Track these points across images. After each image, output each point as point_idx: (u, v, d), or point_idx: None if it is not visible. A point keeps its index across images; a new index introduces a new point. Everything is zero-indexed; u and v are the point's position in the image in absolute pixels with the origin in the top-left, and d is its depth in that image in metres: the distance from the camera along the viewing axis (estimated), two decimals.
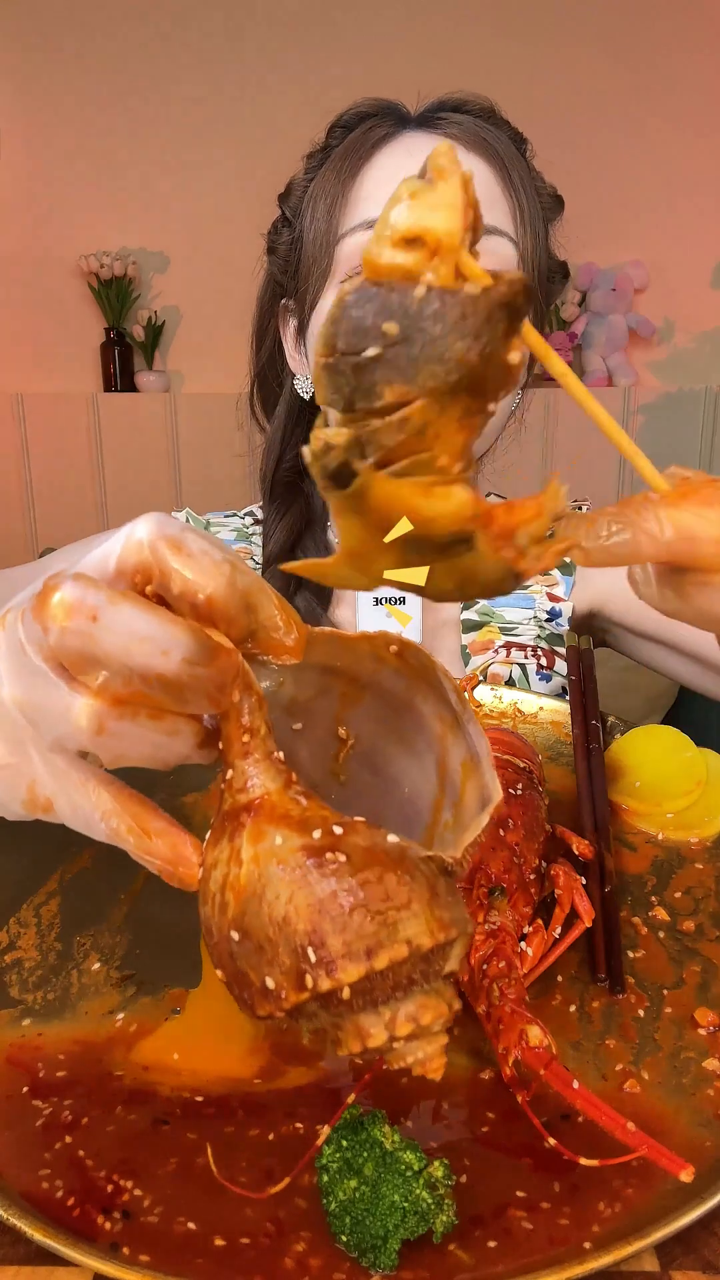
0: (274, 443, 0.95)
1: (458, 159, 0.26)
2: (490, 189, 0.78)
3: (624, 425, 2.60)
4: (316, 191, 0.82)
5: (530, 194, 0.81)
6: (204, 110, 2.59)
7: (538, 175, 0.85)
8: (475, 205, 0.27)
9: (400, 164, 0.78)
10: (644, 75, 2.48)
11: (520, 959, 0.46)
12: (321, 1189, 0.35)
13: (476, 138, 0.78)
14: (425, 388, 0.26)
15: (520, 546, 0.29)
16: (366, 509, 0.28)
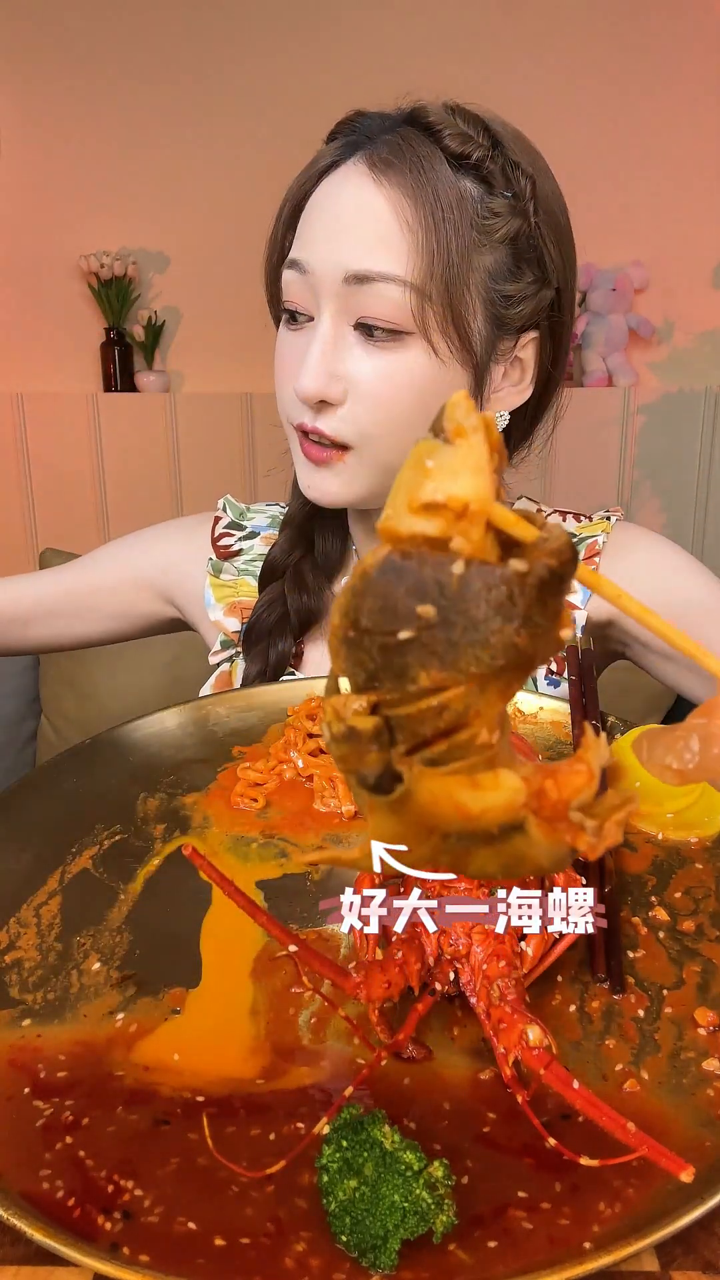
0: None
1: (474, 410, 0.25)
2: (389, 232, 0.76)
3: (624, 425, 2.61)
4: (277, 216, 0.86)
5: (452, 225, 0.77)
6: (204, 110, 2.59)
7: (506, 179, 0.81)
8: (500, 449, 0.25)
9: (323, 201, 0.80)
10: (644, 75, 2.48)
11: (520, 959, 0.46)
12: (321, 1189, 0.35)
13: (395, 169, 0.76)
14: (467, 673, 0.23)
15: (577, 823, 0.26)
16: (408, 810, 0.25)
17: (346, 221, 0.79)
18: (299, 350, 0.81)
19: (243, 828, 0.62)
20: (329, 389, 0.79)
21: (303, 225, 0.82)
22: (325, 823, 0.63)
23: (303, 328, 0.82)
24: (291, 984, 0.48)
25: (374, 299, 0.77)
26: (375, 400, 0.80)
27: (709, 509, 2.68)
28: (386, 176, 0.78)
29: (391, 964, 0.44)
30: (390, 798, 0.25)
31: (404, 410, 0.81)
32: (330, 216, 0.80)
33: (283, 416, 0.86)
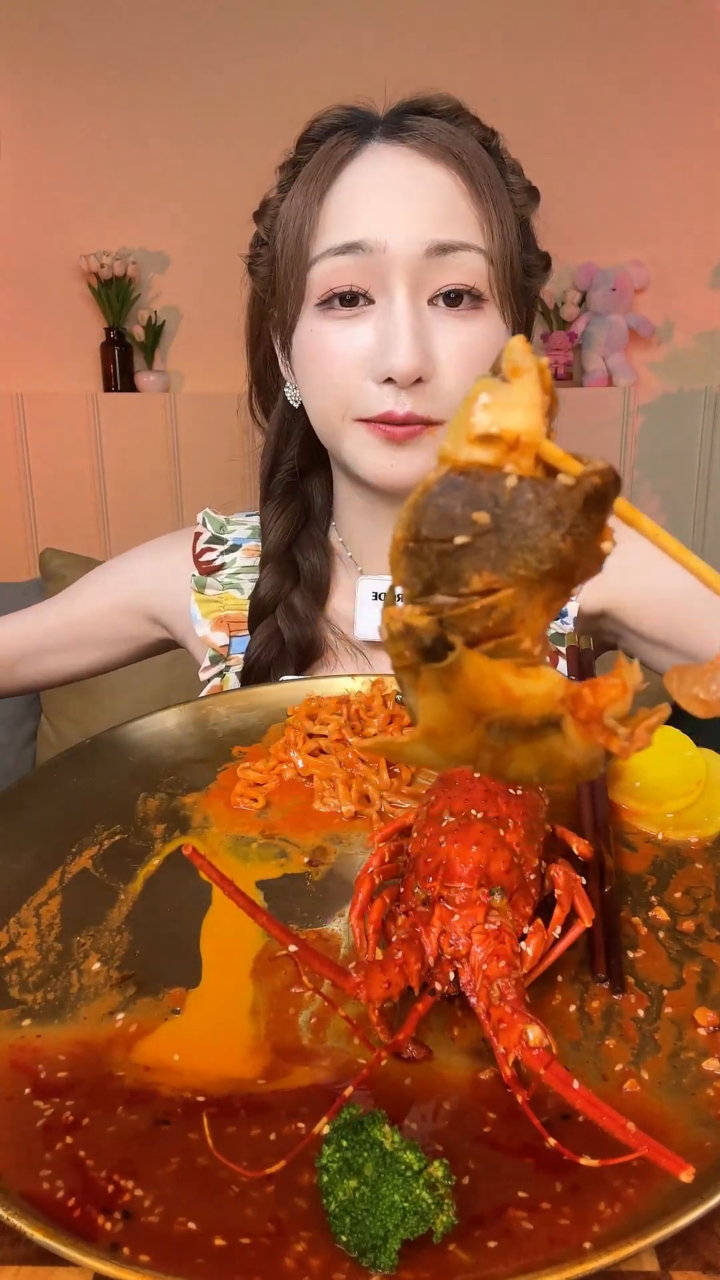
0: (271, 444, 0.96)
1: (531, 352, 0.27)
2: (456, 203, 0.78)
3: (624, 425, 2.61)
4: (287, 214, 0.82)
5: (501, 196, 0.81)
6: (204, 110, 2.59)
7: (512, 166, 0.85)
8: (552, 392, 0.27)
9: (365, 182, 0.79)
10: (644, 75, 2.48)
11: (520, 959, 0.46)
12: (321, 1189, 0.35)
13: (440, 148, 0.78)
14: (516, 575, 0.26)
15: (610, 728, 0.28)
16: (456, 685, 0.27)
17: (414, 196, 0.77)
18: (362, 335, 0.79)
19: (243, 828, 0.62)
20: (425, 365, 0.77)
21: (344, 209, 0.79)
22: (325, 823, 0.63)
23: (358, 314, 0.80)
24: (291, 984, 0.48)
25: (456, 269, 0.77)
26: (468, 369, 0.79)
27: (709, 509, 2.68)
28: (435, 153, 0.78)
29: (391, 964, 0.44)
30: (443, 664, 0.26)
31: None
32: (390, 193, 0.78)
33: (335, 414, 0.82)
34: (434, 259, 0.76)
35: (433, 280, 0.77)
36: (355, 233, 0.77)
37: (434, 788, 0.56)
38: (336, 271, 0.78)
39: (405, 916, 0.48)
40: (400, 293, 0.77)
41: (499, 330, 0.81)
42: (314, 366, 0.82)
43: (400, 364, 0.75)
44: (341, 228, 0.78)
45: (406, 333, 0.75)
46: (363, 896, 0.51)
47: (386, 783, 0.66)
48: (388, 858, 0.53)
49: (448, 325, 0.78)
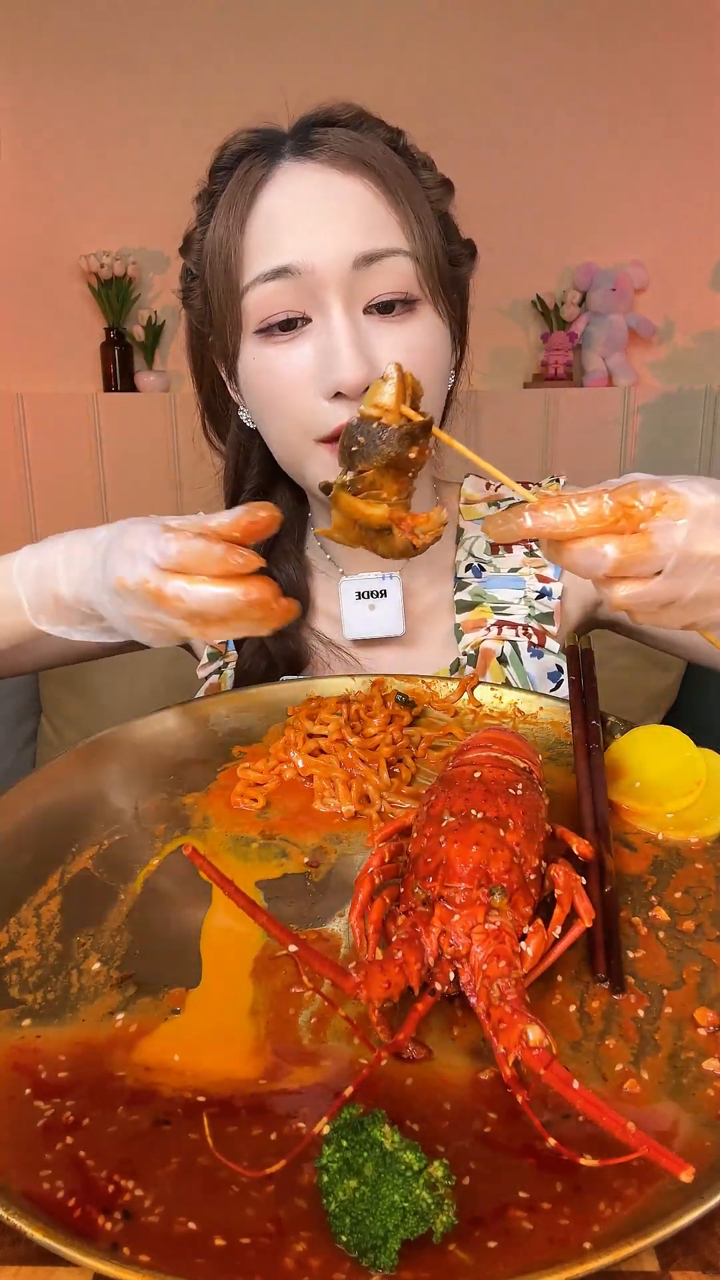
0: (231, 467, 0.99)
1: (395, 368, 0.56)
2: (374, 211, 0.79)
3: (624, 425, 2.61)
4: (211, 246, 0.83)
5: (417, 196, 0.82)
6: (204, 109, 2.59)
7: (423, 161, 0.86)
8: (412, 383, 0.57)
9: (282, 204, 0.79)
10: (644, 75, 2.48)
11: (520, 959, 0.46)
12: (321, 1189, 0.35)
13: (350, 158, 0.79)
14: (375, 465, 0.57)
15: (416, 534, 0.61)
16: (339, 507, 0.60)
17: (332, 211, 0.78)
18: (303, 356, 0.80)
19: (243, 828, 0.62)
20: (371, 373, 0.77)
21: (266, 235, 0.80)
22: (325, 823, 0.63)
23: (298, 335, 0.80)
24: (291, 984, 0.48)
25: (384, 276, 0.78)
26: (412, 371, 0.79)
27: None
28: (346, 164, 0.79)
29: (391, 964, 0.44)
30: (329, 496, 0.59)
31: (434, 375, 0.82)
32: (308, 213, 0.79)
33: (296, 436, 0.83)
34: (362, 269, 0.77)
35: (364, 290, 0.78)
36: (281, 257, 0.78)
37: (434, 788, 0.56)
38: (269, 297, 0.79)
39: (405, 916, 0.48)
40: (335, 308, 0.78)
41: (435, 326, 0.82)
42: (263, 392, 0.83)
43: (346, 376, 0.76)
44: (266, 253, 0.79)
45: (348, 346, 0.76)
46: (363, 896, 0.51)
47: (386, 783, 0.66)
48: (388, 858, 0.53)
49: (385, 330, 0.79)
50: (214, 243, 0.83)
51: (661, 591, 0.53)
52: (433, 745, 0.72)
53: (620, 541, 0.51)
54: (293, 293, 0.78)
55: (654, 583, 0.53)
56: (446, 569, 0.99)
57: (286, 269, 0.78)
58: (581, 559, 0.52)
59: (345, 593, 0.93)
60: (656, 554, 0.51)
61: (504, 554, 0.99)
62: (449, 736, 0.73)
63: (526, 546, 0.98)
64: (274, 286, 0.79)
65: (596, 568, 0.52)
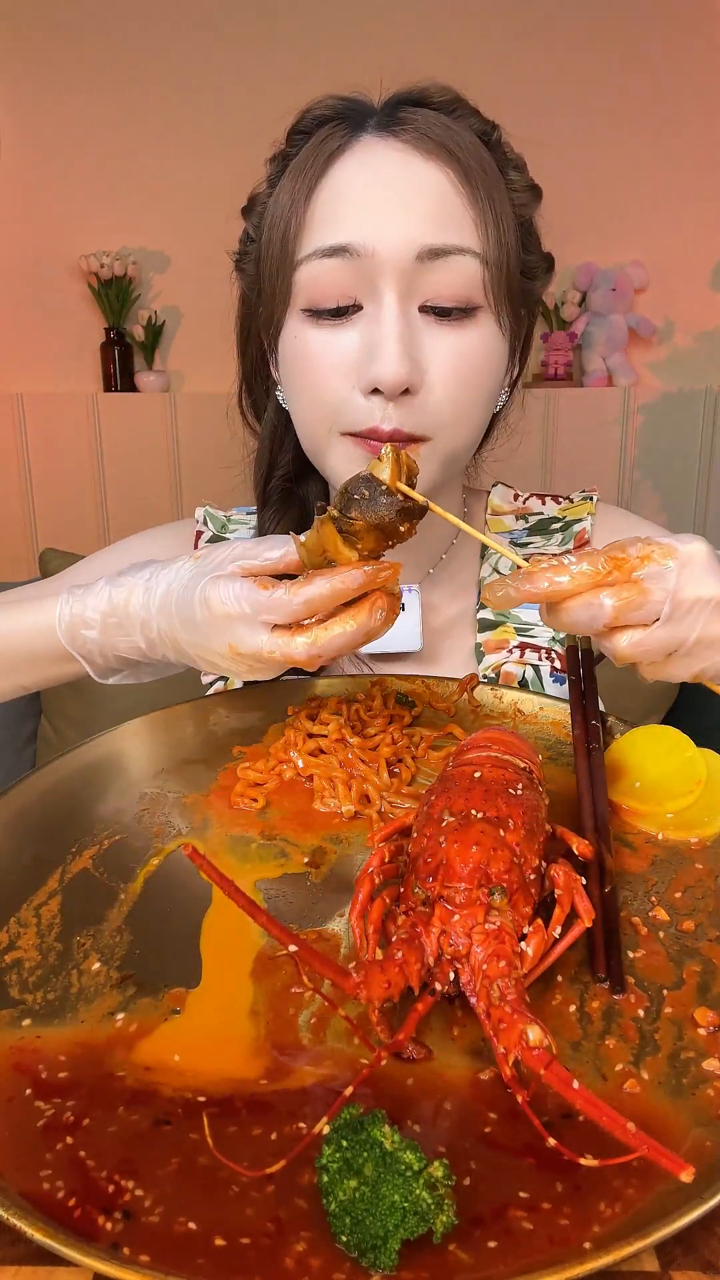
0: (265, 448, 0.94)
1: (390, 449, 0.57)
2: (449, 203, 0.74)
3: (624, 425, 2.61)
4: (274, 211, 0.79)
5: (499, 195, 0.77)
6: (204, 109, 2.59)
7: (515, 162, 0.82)
8: (407, 463, 0.59)
9: (354, 180, 0.75)
10: (644, 75, 2.48)
11: (520, 959, 0.46)
12: (321, 1189, 0.35)
13: (435, 143, 0.74)
14: (366, 520, 0.58)
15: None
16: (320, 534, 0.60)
17: (407, 196, 0.73)
18: (348, 344, 0.75)
19: (243, 828, 0.62)
20: (414, 375, 0.73)
21: (332, 208, 0.75)
22: (325, 823, 0.63)
23: (346, 321, 0.75)
24: (291, 984, 0.48)
25: (448, 274, 0.73)
26: (458, 383, 0.76)
27: (709, 509, 2.68)
28: (430, 149, 0.74)
29: (391, 964, 0.44)
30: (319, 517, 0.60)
31: (481, 390, 0.78)
32: (380, 192, 0.73)
33: (321, 427, 0.79)
34: (425, 263, 0.73)
35: (424, 286, 0.74)
36: (342, 234, 0.73)
37: (434, 788, 0.56)
38: (323, 275, 0.75)
39: (405, 916, 0.48)
40: (389, 299, 0.73)
41: (493, 337, 0.77)
42: (298, 374, 0.79)
43: (387, 374, 0.72)
44: (328, 228, 0.74)
45: (394, 341, 0.72)
46: (363, 896, 0.51)
47: (386, 783, 0.66)
48: (388, 858, 0.53)
49: (438, 334, 0.75)
50: (277, 207, 0.78)
51: (663, 637, 0.55)
52: (433, 745, 0.72)
53: (615, 590, 0.54)
54: (349, 275, 0.74)
55: (654, 629, 0.55)
56: (470, 584, 0.95)
57: (346, 248, 0.73)
58: (580, 613, 0.54)
59: None
60: (651, 599, 0.54)
61: None
62: (449, 736, 0.73)
63: None
64: (329, 265, 0.74)
65: (595, 619, 0.54)
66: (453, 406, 0.76)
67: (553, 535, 0.96)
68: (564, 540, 0.95)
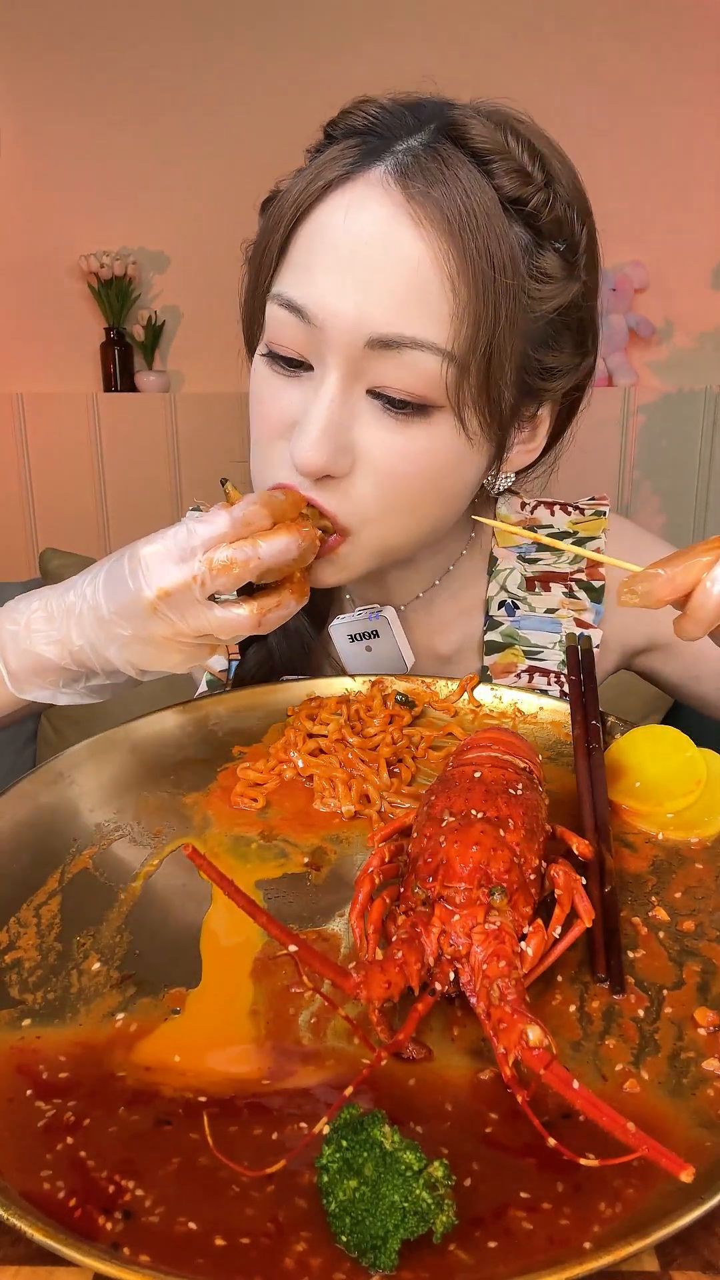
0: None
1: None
2: (421, 286, 0.64)
3: (624, 425, 2.61)
4: (264, 225, 0.72)
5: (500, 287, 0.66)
6: (204, 109, 2.59)
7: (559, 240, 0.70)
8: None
9: (334, 227, 0.66)
10: (644, 75, 2.48)
11: (520, 959, 0.46)
12: (321, 1189, 0.35)
13: (437, 208, 0.64)
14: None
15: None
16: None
17: (373, 266, 0.64)
18: (291, 403, 0.70)
19: (243, 828, 0.62)
20: (336, 463, 0.67)
21: (304, 252, 0.67)
22: (325, 823, 0.63)
23: (297, 377, 0.70)
24: (291, 984, 0.48)
25: (401, 368, 0.65)
26: (390, 480, 0.69)
27: (709, 509, 2.68)
28: (426, 212, 0.64)
29: (391, 964, 0.44)
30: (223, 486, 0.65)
31: (419, 491, 0.70)
32: (348, 255, 0.65)
33: (257, 477, 0.74)
34: (376, 351, 0.65)
35: (374, 372, 0.66)
36: (302, 292, 0.66)
37: (434, 788, 0.56)
38: (282, 326, 0.69)
39: (405, 916, 0.48)
40: (331, 379, 0.66)
41: (447, 440, 0.69)
42: (251, 412, 0.74)
43: (300, 457, 0.66)
44: (295, 276, 0.68)
45: (320, 425, 0.66)
46: (363, 896, 0.51)
47: (386, 783, 0.66)
48: (388, 858, 0.53)
49: (380, 423, 0.67)
50: (267, 223, 0.71)
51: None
52: (433, 745, 0.72)
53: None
54: (303, 334, 0.67)
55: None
56: (477, 603, 0.90)
57: (301, 310, 0.67)
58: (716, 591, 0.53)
59: (337, 637, 0.86)
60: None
61: (541, 592, 0.89)
62: (449, 736, 0.73)
63: (566, 586, 0.89)
64: (286, 317, 0.68)
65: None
66: (378, 501, 0.69)
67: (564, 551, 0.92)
68: (577, 558, 0.91)
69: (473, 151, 0.67)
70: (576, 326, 0.74)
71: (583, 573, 0.91)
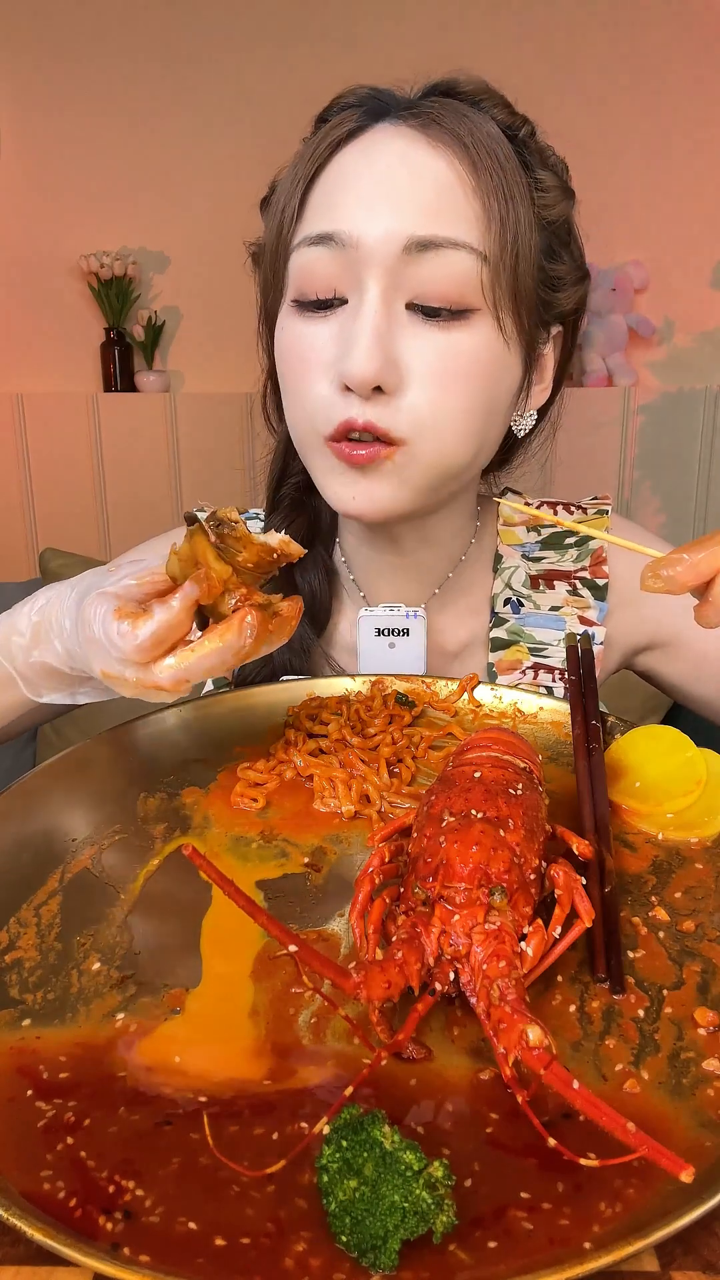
0: (280, 451, 0.90)
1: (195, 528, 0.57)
2: (448, 194, 0.69)
3: (624, 425, 2.61)
4: (276, 200, 0.76)
5: (515, 190, 0.72)
6: (204, 109, 2.59)
7: (548, 160, 0.77)
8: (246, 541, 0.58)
9: (353, 167, 0.71)
10: (644, 75, 2.48)
11: (520, 959, 0.46)
12: (321, 1189, 0.35)
13: (446, 131, 0.70)
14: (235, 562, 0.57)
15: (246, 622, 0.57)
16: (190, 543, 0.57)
17: (400, 184, 0.69)
18: (328, 339, 0.71)
19: (243, 828, 0.62)
20: (386, 373, 0.68)
21: (328, 196, 0.71)
22: (325, 823, 0.63)
23: (330, 314, 0.72)
24: (291, 984, 0.48)
25: (438, 270, 0.69)
26: (439, 385, 0.70)
27: (709, 509, 2.68)
28: (439, 137, 0.70)
29: (391, 964, 0.44)
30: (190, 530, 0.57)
31: (468, 397, 0.72)
32: (375, 180, 0.69)
33: (305, 428, 0.75)
34: (413, 255, 0.68)
35: (412, 280, 0.69)
36: (331, 222, 0.70)
37: (433, 788, 0.56)
38: (310, 264, 0.71)
39: (405, 916, 0.48)
40: (371, 292, 0.69)
41: (488, 342, 0.72)
42: (286, 370, 0.75)
43: (355, 369, 0.67)
44: (320, 215, 0.71)
45: (368, 335, 0.68)
46: (363, 896, 0.51)
47: (386, 783, 0.66)
48: (388, 858, 0.53)
49: (423, 332, 0.70)
50: (279, 194, 0.75)
51: None
52: (433, 745, 0.72)
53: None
54: (335, 265, 0.70)
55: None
56: (483, 601, 0.91)
57: (331, 236, 0.69)
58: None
59: (364, 628, 0.85)
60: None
61: (545, 590, 0.91)
62: (449, 736, 0.73)
63: (570, 584, 0.91)
64: (316, 253, 0.70)
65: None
66: (431, 409, 0.71)
67: (567, 550, 0.93)
68: (579, 557, 0.92)
69: (464, 95, 0.75)
70: (573, 243, 0.80)
71: (586, 571, 0.91)
